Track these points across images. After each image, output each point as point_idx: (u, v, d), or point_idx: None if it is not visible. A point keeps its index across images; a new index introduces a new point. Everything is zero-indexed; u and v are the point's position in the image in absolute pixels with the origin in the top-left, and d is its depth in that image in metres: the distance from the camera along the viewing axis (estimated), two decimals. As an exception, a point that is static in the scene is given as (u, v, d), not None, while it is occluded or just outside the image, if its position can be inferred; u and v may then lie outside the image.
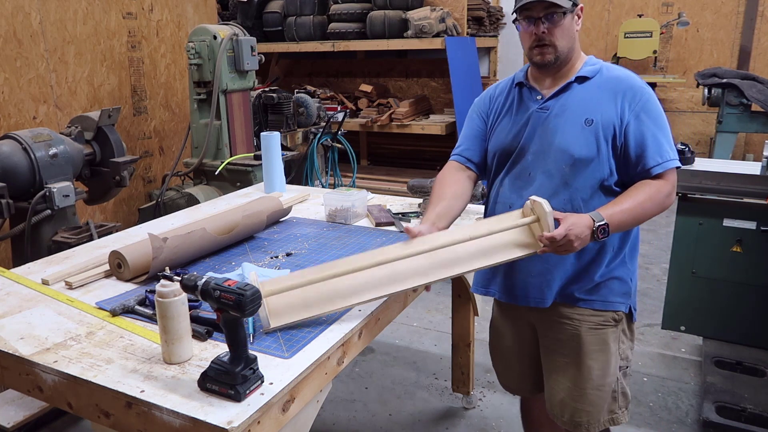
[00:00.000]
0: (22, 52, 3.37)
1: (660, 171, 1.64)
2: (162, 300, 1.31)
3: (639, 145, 1.64)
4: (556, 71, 1.72)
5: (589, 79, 1.70)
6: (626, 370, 1.83)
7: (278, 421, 1.28)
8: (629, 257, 1.79)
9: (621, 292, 1.76)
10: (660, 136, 1.64)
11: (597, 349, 1.75)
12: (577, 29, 1.69)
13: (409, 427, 2.70)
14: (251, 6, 6.66)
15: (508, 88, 1.84)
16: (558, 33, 1.64)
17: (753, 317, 2.87)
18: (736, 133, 5.50)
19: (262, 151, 2.80)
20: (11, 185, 2.59)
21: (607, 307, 1.74)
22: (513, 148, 1.76)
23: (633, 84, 1.67)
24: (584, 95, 1.69)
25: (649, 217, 1.68)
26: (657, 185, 1.64)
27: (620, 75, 1.70)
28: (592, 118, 1.65)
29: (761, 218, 2.75)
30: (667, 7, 6.60)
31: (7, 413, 2.48)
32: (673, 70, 6.70)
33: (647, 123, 1.64)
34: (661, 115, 1.67)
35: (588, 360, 1.75)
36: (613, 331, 1.76)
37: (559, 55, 1.67)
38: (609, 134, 1.65)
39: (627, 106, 1.65)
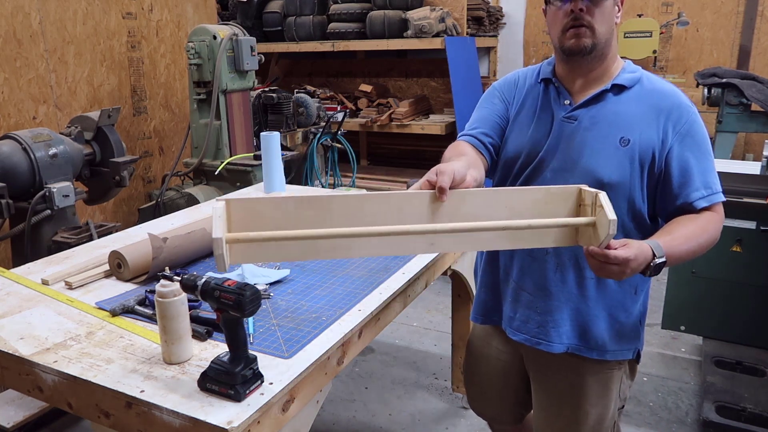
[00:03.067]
0: (21, 52, 3.37)
1: (706, 204, 1.43)
2: (162, 300, 1.31)
3: (683, 174, 1.43)
4: (588, 69, 1.48)
5: (628, 89, 1.47)
6: (622, 410, 1.71)
7: (278, 421, 1.28)
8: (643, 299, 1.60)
9: (626, 338, 1.57)
10: (707, 164, 1.45)
11: (598, 395, 1.60)
12: (617, 20, 1.45)
13: (409, 427, 2.70)
14: (251, 6, 6.66)
15: (534, 81, 1.59)
16: (598, 14, 1.40)
17: (753, 317, 2.87)
18: (735, 133, 5.50)
19: (262, 151, 2.80)
20: (11, 185, 2.59)
21: (616, 357, 1.58)
22: (530, 159, 1.52)
23: (680, 102, 1.45)
24: (621, 108, 1.45)
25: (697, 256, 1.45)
26: (709, 218, 1.43)
27: (665, 89, 1.47)
28: (629, 138, 1.43)
29: (761, 218, 2.75)
30: (667, 6, 6.60)
31: (7, 413, 2.48)
32: (672, 69, 6.70)
33: (693, 149, 1.43)
34: (707, 141, 1.46)
35: (587, 405, 1.60)
36: (617, 374, 1.61)
37: (597, 42, 1.42)
38: (647, 159, 1.43)
39: (671, 127, 1.43)
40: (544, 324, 1.57)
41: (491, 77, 6.83)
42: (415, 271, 1.86)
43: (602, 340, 1.55)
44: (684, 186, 1.43)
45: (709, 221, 1.44)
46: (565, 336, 1.56)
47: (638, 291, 1.56)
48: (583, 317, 1.54)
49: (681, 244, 1.37)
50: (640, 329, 1.60)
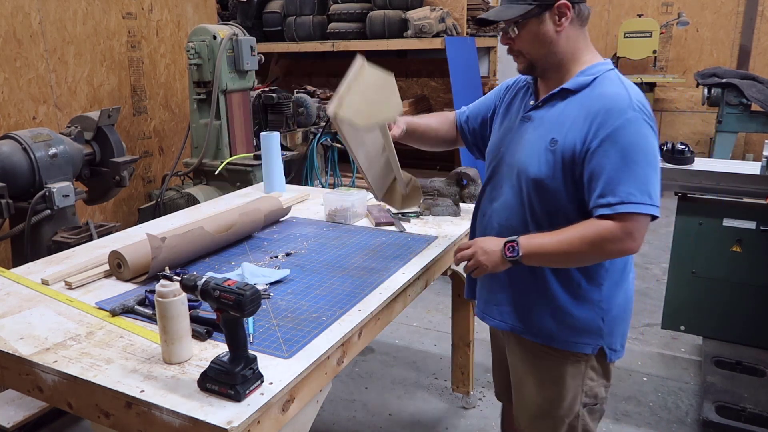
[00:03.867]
0: (21, 52, 3.37)
1: (606, 213, 1.39)
2: (162, 300, 1.31)
3: (591, 178, 1.42)
4: (544, 77, 1.57)
5: (574, 93, 1.49)
6: (594, 407, 1.67)
7: (278, 421, 1.28)
8: (606, 296, 1.57)
9: (583, 332, 1.57)
10: (624, 173, 1.37)
11: (550, 381, 1.64)
12: (558, 30, 1.47)
13: (409, 427, 2.70)
14: (251, 6, 6.66)
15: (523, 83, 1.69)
16: (525, 39, 1.50)
17: (753, 317, 2.87)
18: (735, 133, 5.50)
19: (262, 151, 2.80)
20: (11, 185, 2.59)
21: (563, 347, 1.59)
22: (497, 151, 1.66)
23: (612, 107, 1.41)
24: (562, 111, 1.50)
25: (584, 261, 1.49)
26: (600, 226, 1.40)
27: (606, 93, 1.45)
28: (558, 139, 1.47)
29: (761, 218, 2.75)
30: (667, 6, 6.60)
31: (7, 413, 2.48)
32: (672, 69, 6.71)
33: (610, 155, 1.38)
34: (638, 149, 1.39)
35: (540, 389, 1.66)
36: (571, 367, 1.61)
37: (532, 62, 1.52)
38: (568, 160, 1.45)
39: (595, 131, 1.41)
40: (489, 301, 1.69)
41: (491, 77, 6.83)
42: (415, 271, 1.87)
43: (547, 328, 1.59)
44: (590, 190, 1.44)
45: (596, 231, 1.40)
46: (507, 316, 1.65)
47: (591, 287, 1.55)
48: (523, 302, 1.61)
49: (547, 244, 1.45)
50: (603, 327, 1.56)
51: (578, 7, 1.48)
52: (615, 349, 1.61)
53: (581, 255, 1.45)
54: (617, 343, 1.62)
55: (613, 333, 1.59)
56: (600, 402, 1.68)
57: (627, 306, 1.63)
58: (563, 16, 1.46)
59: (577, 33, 1.51)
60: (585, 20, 1.52)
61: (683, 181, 2.96)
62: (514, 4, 1.48)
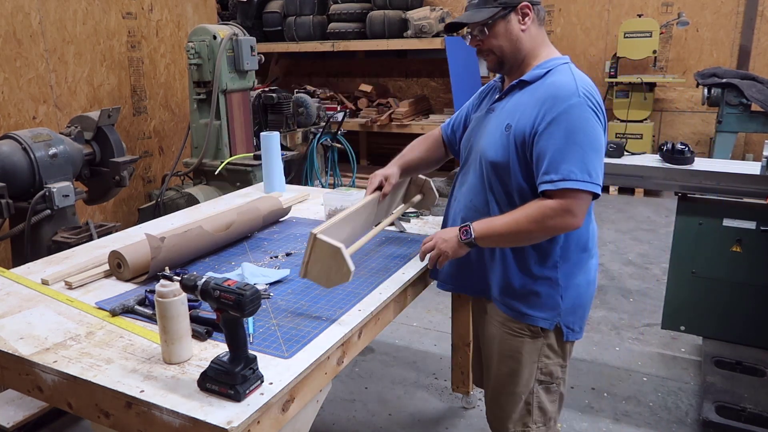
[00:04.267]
0: (21, 52, 3.37)
1: (549, 189, 1.51)
2: (162, 300, 1.31)
3: (538, 159, 1.54)
4: (510, 73, 1.71)
5: (530, 84, 1.63)
6: (551, 387, 1.76)
7: (278, 420, 1.28)
8: (564, 273, 1.66)
9: (541, 307, 1.67)
10: (567, 152, 1.50)
11: (508, 355, 1.74)
12: (522, 29, 1.63)
13: (409, 427, 2.70)
14: (251, 6, 6.66)
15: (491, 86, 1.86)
16: (493, 39, 1.64)
17: (753, 317, 2.87)
18: (735, 133, 5.50)
19: (262, 151, 2.80)
20: (11, 185, 2.59)
21: (522, 319, 1.69)
22: (465, 146, 1.81)
23: (557, 94, 1.54)
24: (518, 100, 1.64)
25: (533, 239, 1.60)
26: (542, 205, 1.53)
27: (556, 82, 1.58)
28: (511, 124, 1.61)
29: (761, 218, 2.75)
30: (667, 7, 6.60)
31: (7, 413, 2.48)
32: (672, 69, 6.71)
33: (555, 136, 1.51)
34: (580, 132, 1.51)
35: (499, 362, 1.77)
36: (529, 342, 1.71)
37: (502, 58, 1.66)
38: (519, 142, 1.58)
39: (543, 115, 1.54)
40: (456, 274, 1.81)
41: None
42: (415, 271, 1.87)
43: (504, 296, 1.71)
44: (537, 170, 1.56)
45: (537, 208, 1.53)
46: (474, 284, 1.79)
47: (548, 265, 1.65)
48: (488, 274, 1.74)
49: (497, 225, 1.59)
50: (561, 304, 1.66)
51: (537, 8, 1.64)
52: (573, 329, 1.71)
53: (528, 233, 1.56)
54: (576, 324, 1.71)
55: (572, 312, 1.69)
56: (556, 382, 1.77)
57: (588, 289, 1.73)
58: (526, 15, 1.63)
59: (537, 31, 1.67)
60: (542, 21, 1.68)
61: (683, 181, 2.96)
62: (482, 7, 1.62)
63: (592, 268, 1.74)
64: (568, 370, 1.84)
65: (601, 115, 1.56)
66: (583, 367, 3.10)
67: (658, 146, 3.36)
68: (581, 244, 1.68)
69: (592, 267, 1.73)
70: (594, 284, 1.76)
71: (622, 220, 5.54)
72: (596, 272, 1.77)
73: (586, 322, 1.77)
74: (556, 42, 7.01)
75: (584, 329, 1.78)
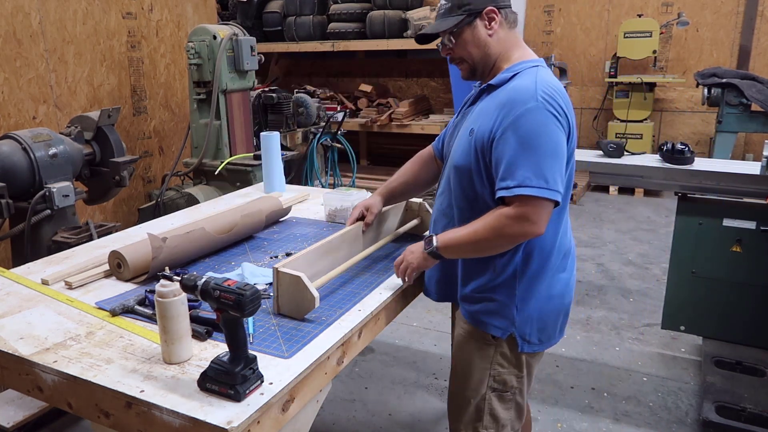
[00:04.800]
0: (21, 52, 3.37)
1: (506, 195, 1.48)
2: (162, 300, 1.31)
3: (496, 164, 1.52)
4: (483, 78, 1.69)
5: (497, 88, 1.61)
6: (504, 395, 1.72)
7: (278, 420, 1.28)
8: (523, 284, 1.63)
9: (495, 314, 1.65)
10: (522, 158, 1.46)
11: (462, 358, 1.75)
12: (489, 33, 1.61)
13: (409, 427, 2.70)
14: (251, 6, 6.66)
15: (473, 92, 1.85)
16: (461, 46, 1.63)
17: (753, 317, 2.87)
18: (735, 133, 5.50)
19: (262, 151, 2.80)
20: (11, 185, 2.59)
21: (477, 325, 1.69)
22: (447, 152, 1.79)
23: (515, 98, 1.51)
24: (484, 105, 1.62)
25: (495, 248, 1.57)
26: (499, 213, 1.50)
27: (517, 86, 1.54)
28: (474, 129, 1.59)
29: (761, 218, 2.75)
30: (667, 7, 6.60)
31: (7, 413, 2.48)
32: (672, 69, 6.71)
33: (510, 142, 1.48)
34: (535, 137, 1.47)
35: (455, 365, 1.78)
36: (482, 348, 1.69)
37: (473, 65, 1.65)
38: (479, 147, 1.57)
39: (501, 120, 1.51)
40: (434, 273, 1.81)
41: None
42: (415, 271, 1.87)
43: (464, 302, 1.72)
44: (496, 176, 1.53)
45: (495, 217, 1.51)
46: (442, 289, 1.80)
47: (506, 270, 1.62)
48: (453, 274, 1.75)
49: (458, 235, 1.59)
50: (516, 315, 1.63)
51: (505, 12, 1.62)
52: (529, 341, 1.66)
53: (488, 242, 1.54)
54: (533, 336, 1.67)
55: (528, 324, 1.65)
56: (511, 391, 1.73)
57: (550, 303, 1.66)
58: (492, 20, 1.61)
59: (507, 34, 1.64)
60: (513, 23, 1.65)
61: (683, 181, 2.97)
62: (447, 16, 1.62)
63: (561, 282, 1.67)
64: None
65: (562, 119, 1.50)
66: (583, 367, 3.10)
67: (658, 146, 3.36)
68: (544, 255, 1.62)
69: (560, 281, 1.67)
70: (563, 298, 1.70)
71: (622, 220, 5.54)
72: (568, 287, 1.70)
73: (554, 335, 1.72)
74: (556, 42, 7.02)
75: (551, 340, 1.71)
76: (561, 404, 2.80)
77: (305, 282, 1.53)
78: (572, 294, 1.74)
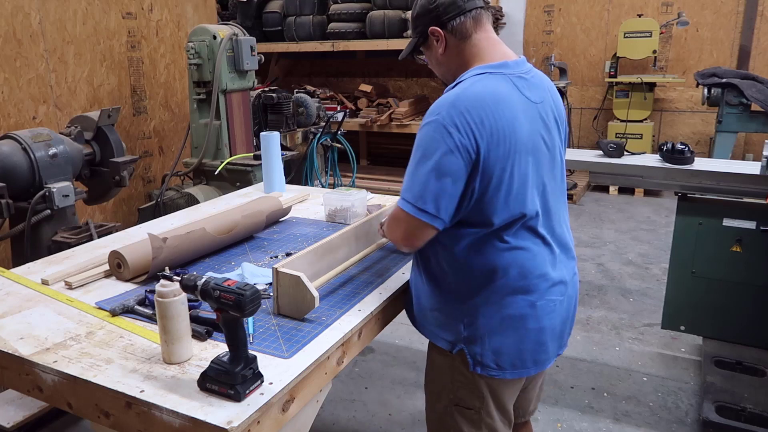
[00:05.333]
0: (21, 52, 3.37)
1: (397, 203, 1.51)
2: (162, 300, 1.31)
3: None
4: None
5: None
6: (467, 413, 1.62)
7: (278, 421, 1.28)
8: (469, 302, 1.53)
9: (443, 327, 1.58)
10: (411, 168, 1.47)
11: (428, 365, 1.71)
12: (440, 52, 1.57)
13: (409, 427, 2.70)
14: (251, 6, 6.66)
15: None
16: (430, 65, 1.67)
17: (753, 317, 2.87)
18: (735, 133, 5.50)
19: (262, 151, 2.80)
20: (11, 185, 2.59)
21: (429, 336, 1.65)
22: None
23: (428, 111, 1.49)
24: None
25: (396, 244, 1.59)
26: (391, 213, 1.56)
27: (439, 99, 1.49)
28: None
29: (761, 218, 2.75)
30: (667, 6, 6.60)
31: (7, 413, 2.48)
32: (672, 69, 6.71)
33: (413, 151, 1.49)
34: (420, 149, 1.45)
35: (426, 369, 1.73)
36: (440, 358, 1.63)
37: (444, 80, 1.66)
38: None
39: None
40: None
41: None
42: (415, 271, 1.87)
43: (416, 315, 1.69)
44: None
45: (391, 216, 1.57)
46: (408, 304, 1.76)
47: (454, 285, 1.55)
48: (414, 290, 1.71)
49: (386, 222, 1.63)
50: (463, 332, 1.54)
51: (450, 25, 1.54)
52: (481, 362, 1.54)
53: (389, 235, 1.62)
54: (486, 358, 1.54)
55: (477, 344, 1.54)
56: (476, 410, 1.61)
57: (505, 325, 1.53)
58: (437, 39, 1.57)
59: (461, 46, 1.56)
60: (465, 32, 1.55)
61: (683, 181, 2.97)
62: (409, 38, 1.66)
63: (520, 304, 1.52)
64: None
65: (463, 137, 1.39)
66: (583, 367, 3.10)
67: (658, 146, 3.36)
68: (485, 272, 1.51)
69: (517, 302, 1.52)
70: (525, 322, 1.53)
71: (622, 220, 5.54)
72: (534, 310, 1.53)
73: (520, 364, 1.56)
74: (556, 42, 7.02)
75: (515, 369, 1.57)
76: (561, 404, 2.80)
77: (305, 282, 1.53)
78: (546, 321, 1.55)
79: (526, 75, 1.54)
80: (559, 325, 1.61)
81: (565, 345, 1.71)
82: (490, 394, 1.60)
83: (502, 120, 1.42)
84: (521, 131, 1.45)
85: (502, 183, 1.44)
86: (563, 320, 1.62)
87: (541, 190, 1.53)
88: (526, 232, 1.52)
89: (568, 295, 1.61)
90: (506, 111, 1.43)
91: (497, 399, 1.62)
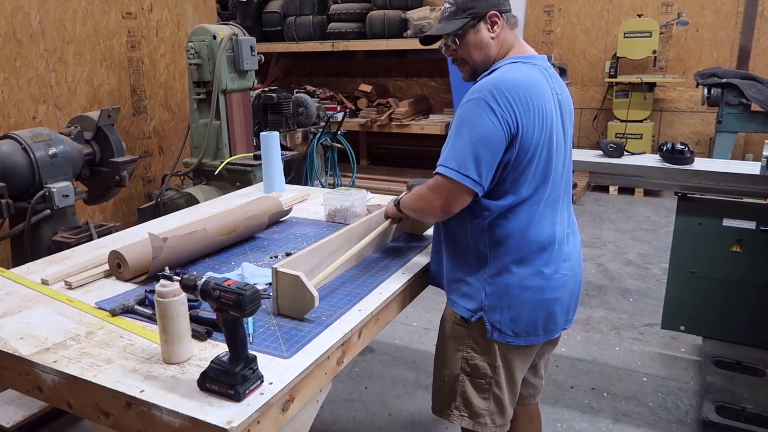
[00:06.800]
0: (21, 51, 3.37)
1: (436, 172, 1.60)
2: (162, 300, 1.31)
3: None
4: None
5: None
6: (478, 382, 1.74)
7: (278, 421, 1.28)
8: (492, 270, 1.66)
9: (466, 297, 1.70)
10: (450, 141, 1.59)
11: (440, 336, 1.83)
12: (492, 36, 1.66)
13: (409, 427, 2.70)
14: (251, 6, 6.66)
15: None
16: (465, 49, 1.69)
17: (752, 317, 2.87)
18: (735, 133, 5.50)
19: (262, 151, 2.80)
20: (11, 185, 2.59)
21: (451, 306, 1.77)
22: None
23: (470, 91, 1.60)
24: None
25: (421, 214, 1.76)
26: (426, 183, 1.65)
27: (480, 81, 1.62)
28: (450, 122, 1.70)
29: (761, 218, 2.75)
30: (667, 6, 6.61)
31: (7, 413, 2.48)
32: (672, 69, 6.71)
33: (451, 128, 1.62)
34: (460, 122, 1.57)
35: (437, 341, 1.85)
36: (455, 329, 1.75)
37: (475, 66, 1.70)
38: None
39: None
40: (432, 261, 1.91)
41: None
42: (415, 271, 1.87)
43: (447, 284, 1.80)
44: None
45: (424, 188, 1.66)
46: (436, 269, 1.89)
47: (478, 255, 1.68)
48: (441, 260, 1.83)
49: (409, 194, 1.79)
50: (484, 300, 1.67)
51: (506, 15, 1.68)
52: (499, 330, 1.68)
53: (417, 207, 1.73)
54: (504, 326, 1.67)
55: (497, 311, 1.67)
56: (487, 380, 1.74)
57: (524, 294, 1.65)
58: (495, 24, 1.67)
59: (507, 36, 1.69)
60: (513, 25, 1.71)
61: (683, 181, 2.97)
62: (452, 19, 1.68)
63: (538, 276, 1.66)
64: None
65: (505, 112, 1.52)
66: (583, 367, 3.10)
67: (658, 146, 3.36)
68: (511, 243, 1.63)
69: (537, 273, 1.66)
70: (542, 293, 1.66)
71: (622, 220, 5.54)
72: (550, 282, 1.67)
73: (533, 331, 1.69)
74: (556, 42, 7.02)
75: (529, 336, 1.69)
76: (561, 404, 2.80)
77: (304, 281, 1.53)
78: (558, 293, 1.69)
79: (548, 69, 1.70)
80: (567, 298, 1.75)
81: (570, 321, 1.82)
82: (503, 363, 1.73)
83: (538, 103, 1.57)
84: (551, 115, 1.61)
85: (533, 159, 1.58)
86: (570, 294, 1.76)
87: (560, 170, 1.69)
88: (548, 208, 1.67)
89: (576, 272, 1.77)
90: (540, 96, 1.59)
91: (509, 368, 1.74)
